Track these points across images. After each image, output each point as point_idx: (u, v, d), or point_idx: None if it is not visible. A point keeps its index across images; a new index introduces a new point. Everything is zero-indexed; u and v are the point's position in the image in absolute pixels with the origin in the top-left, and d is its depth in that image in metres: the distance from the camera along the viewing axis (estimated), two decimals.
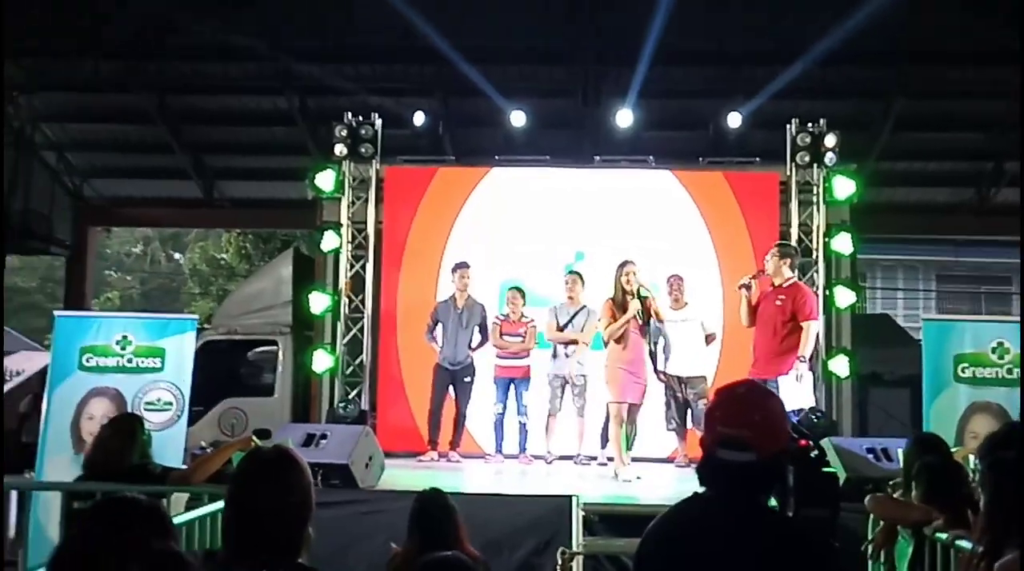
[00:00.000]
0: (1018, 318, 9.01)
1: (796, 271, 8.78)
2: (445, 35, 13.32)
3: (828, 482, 3.38)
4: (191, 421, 9.45)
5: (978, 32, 14.16)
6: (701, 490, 2.58)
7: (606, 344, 8.93)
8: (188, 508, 5.41)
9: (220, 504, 3.20)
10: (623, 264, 8.84)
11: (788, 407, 8.50)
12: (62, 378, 8.45)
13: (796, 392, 8.54)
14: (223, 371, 11.29)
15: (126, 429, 5.63)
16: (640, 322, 8.79)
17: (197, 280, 30.09)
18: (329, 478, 7.60)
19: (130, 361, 8.47)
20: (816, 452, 3.47)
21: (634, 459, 9.02)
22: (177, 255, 33.33)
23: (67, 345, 8.56)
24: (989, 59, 14.25)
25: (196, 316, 10.22)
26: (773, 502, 2.71)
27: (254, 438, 6.08)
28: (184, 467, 6.14)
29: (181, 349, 8.57)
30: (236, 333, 11.56)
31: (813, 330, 8.37)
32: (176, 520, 4.92)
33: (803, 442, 3.46)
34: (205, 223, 22.00)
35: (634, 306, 8.69)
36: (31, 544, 7.10)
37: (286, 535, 2.60)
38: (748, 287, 8.53)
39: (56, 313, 9.21)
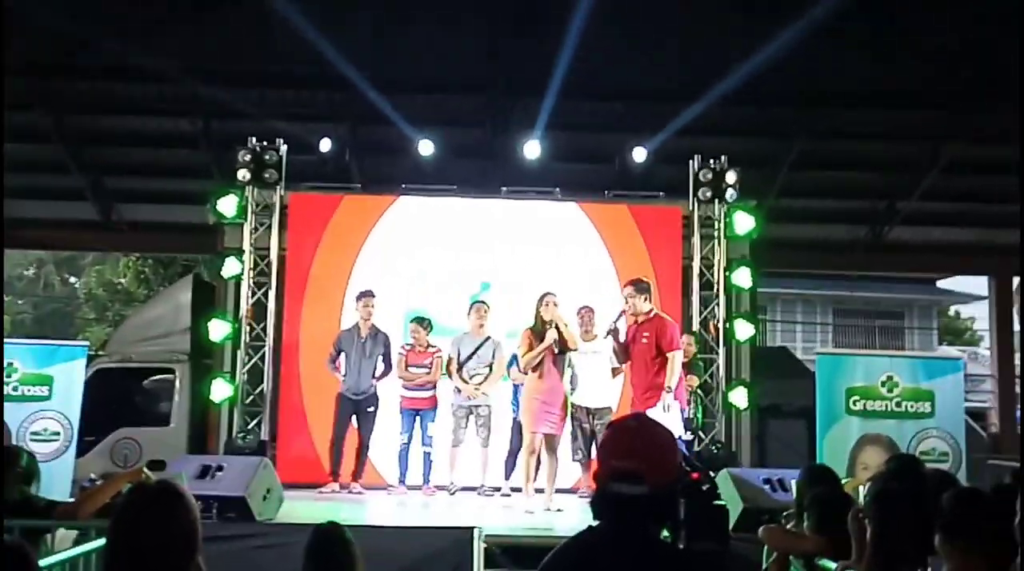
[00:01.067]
0: (906, 353, 9.34)
1: (651, 303, 8.77)
2: (355, 63, 13.29)
3: (719, 515, 3.40)
4: (82, 451, 9.20)
5: (875, 76, 14.67)
6: (595, 523, 2.59)
7: (522, 372, 9.00)
8: (76, 543, 5.24)
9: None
10: (544, 295, 8.94)
11: (674, 429, 8.70)
12: None
13: (671, 418, 8.67)
14: (117, 399, 10.96)
15: (5, 462, 5.41)
16: (556, 352, 8.86)
17: (93, 305, 29.28)
18: (225, 511, 7.41)
19: (15, 389, 8.19)
20: (707, 485, 3.51)
21: (537, 490, 9.03)
22: (72, 279, 32.32)
23: None
24: (884, 102, 14.77)
25: (87, 343, 9.92)
26: (666, 533, 2.72)
27: (145, 470, 5.92)
28: (71, 500, 5.89)
29: (70, 377, 8.32)
30: (131, 360, 11.24)
31: (677, 360, 8.45)
32: (61, 556, 4.79)
33: (695, 475, 3.49)
34: (102, 246, 21.40)
35: (551, 336, 8.77)
36: None
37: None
38: (615, 332, 8.61)
39: None
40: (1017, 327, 18.61)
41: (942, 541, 3.22)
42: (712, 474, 4.17)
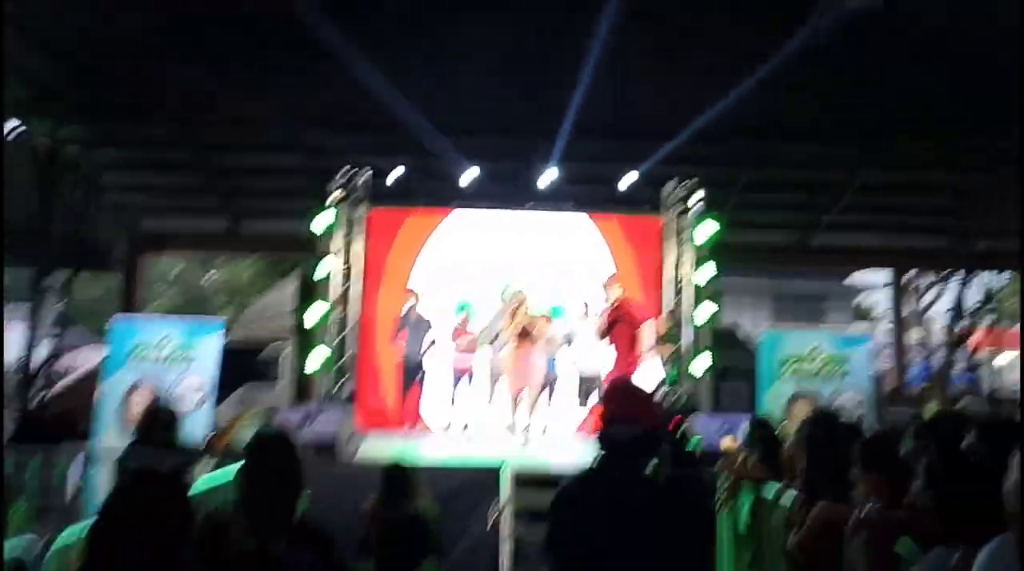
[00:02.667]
0: (827, 328, 9.20)
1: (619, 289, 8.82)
2: (419, 109, 13.28)
3: (690, 453, 3.42)
4: (220, 399, 9.25)
5: (805, 116, 14.49)
6: (593, 461, 2.58)
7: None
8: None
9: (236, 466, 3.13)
10: (521, 291, 9.06)
11: (651, 387, 8.67)
12: (114, 370, 8.16)
13: (652, 375, 8.63)
14: (242, 365, 11.00)
15: (151, 417, 5.44)
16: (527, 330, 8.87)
17: (225, 292, 29.51)
18: (318, 451, 7.44)
19: (168, 357, 8.21)
20: (684, 429, 3.52)
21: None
22: (210, 273, 32.65)
23: (120, 344, 8.28)
24: (813, 137, 14.58)
25: (224, 318, 9.91)
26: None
27: (251, 410, 6.01)
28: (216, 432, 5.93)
29: (210, 346, 8.33)
30: (254, 336, 11.29)
31: (647, 330, 8.49)
32: (213, 483, 4.84)
33: (677, 418, 3.51)
34: (231, 250, 21.62)
35: (521, 318, 8.85)
36: (89, 498, 6.86)
37: (285, 502, 2.60)
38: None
39: (114, 320, 8.91)
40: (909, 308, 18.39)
41: (859, 469, 3.15)
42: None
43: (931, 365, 18.35)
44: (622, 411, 2.48)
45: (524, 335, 8.85)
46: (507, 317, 8.99)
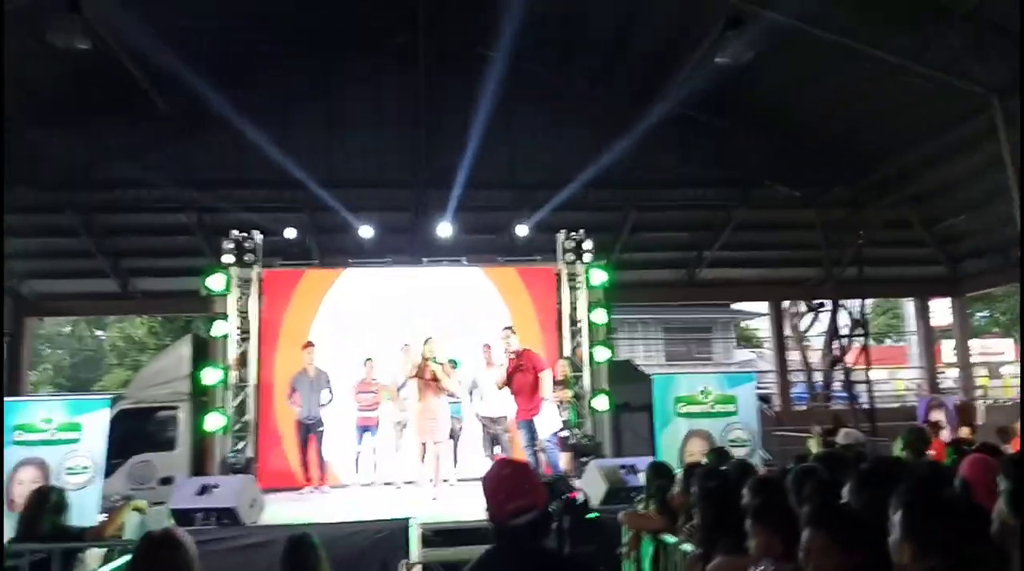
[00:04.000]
0: (715, 370, 9.50)
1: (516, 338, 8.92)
2: (309, 168, 13.10)
3: (592, 524, 3.32)
4: (110, 472, 8.63)
5: (682, 167, 15.17)
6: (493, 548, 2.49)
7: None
8: (104, 562, 4.89)
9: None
10: (427, 338, 8.91)
11: (549, 431, 8.70)
12: None
13: (551, 421, 8.65)
14: (135, 431, 10.32)
15: (40, 500, 5.01)
16: (435, 381, 8.78)
17: (116, 353, 27.89)
18: (221, 519, 7.04)
19: (54, 435, 7.60)
20: (582, 500, 3.44)
21: (460, 480, 8.92)
22: (100, 333, 30.76)
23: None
24: (692, 184, 15.25)
25: (109, 396, 9.25)
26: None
27: (138, 503, 5.66)
28: (95, 526, 5.46)
29: (97, 422, 7.76)
30: (145, 402, 10.61)
31: (547, 376, 8.59)
32: None
33: (572, 494, 3.42)
34: (121, 311, 20.52)
35: (431, 369, 8.73)
36: None
37: None
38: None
39: None
40: (788, 332, 19.23)
41: (751, 523, 3.16)
42: (584, 498, 4.02)
43: (813, 384, 19.21)
44: (512, 501, 2.40)
45: (430, 387, 8.72)
46: (412, 369, 8.83)
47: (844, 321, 16.51)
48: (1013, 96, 10.18)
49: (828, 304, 16.74)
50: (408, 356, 9.36)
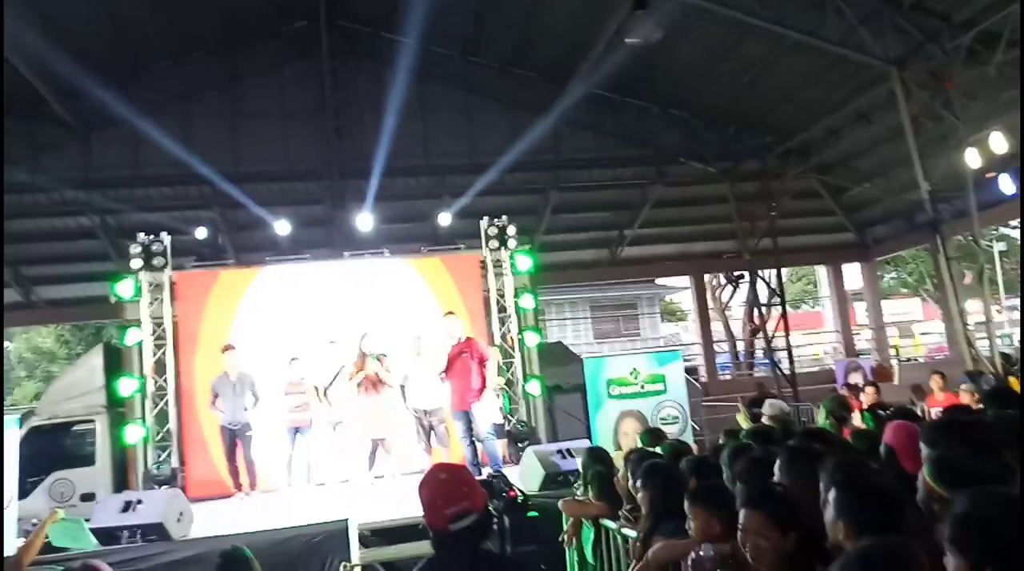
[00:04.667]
0: (643, 350, 9.65)
1: (463, 328, 8.79)
2: (215, 162, 12.65)
3: (532, 522, 3.29)
4: (26, 493, 8.15)
5: (599, 148, 15.30)
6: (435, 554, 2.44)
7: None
8: None
9: None
10: (363, 334, 8.72)
11: (489, 422, 8.59)
12: None
13: (490, 411, 8.59)
14: (51, 448, 9.81)
15: None
16: (377, 377, 8.69)
17: (24, 365, 26.41)
18: (147, 535, 6.73)
19: None
20: (522, 498, 3.41)
21: (403, 474, 8.76)
22: (6, 344, 29.11)
23: None
24: (609, 164, 15.40)
25: (17, 415, 8.72)
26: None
27: (58, 512, 5.38)
28: (12, 555, 5.15)
29: (8, 444, 7.25)
30: (58, 417, 10.07)
31: (492, 366, 8.43)
32: None
33: (512, 493, 3.39)
34: (26, 322, 19.38)
35: (372, 365, 8.56)
36: None
37: None
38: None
39: None
40: (710, 304, 19.76)
41: (689, 505, 3.20)
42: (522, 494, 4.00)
43: (737, 354, 19.80)
44: (450, 506, 2.35)
45: (373, 383, 8.55)
46: (350, 367, 8.62)
47: (762, 290, 17.06)
48: (909, 67, 10.65)
49: (747, 275, 17.26)
50: (337, 353, 9.15)
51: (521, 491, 3.41)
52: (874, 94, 12.24)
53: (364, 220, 12.04)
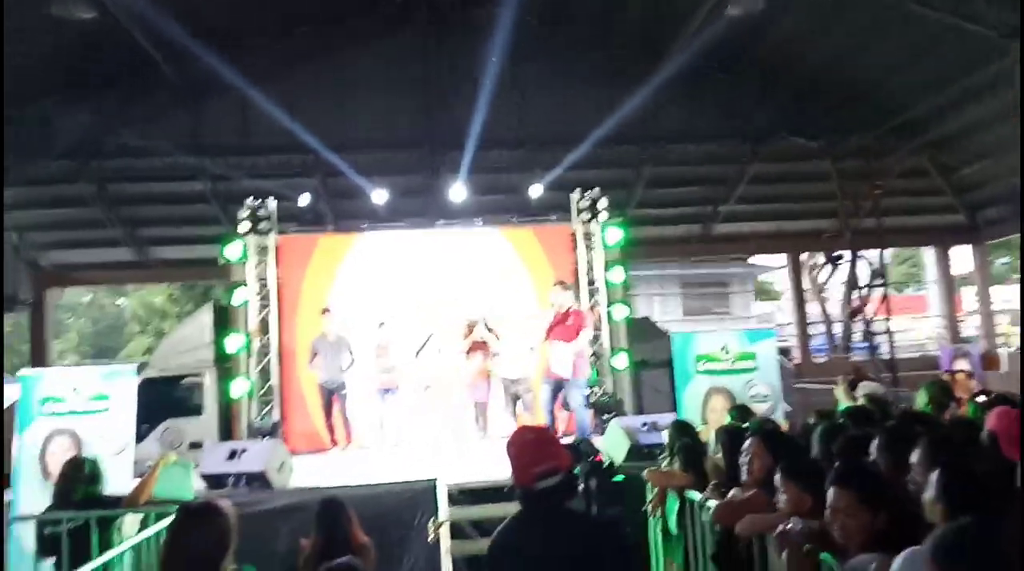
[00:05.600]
0: (735, 328, 9.41)
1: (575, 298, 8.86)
2: (319, 132, 13.04)
3: (618, 487, 3.36)
4: (143, 436, 8.81)
5: (694, 122, 14.97)
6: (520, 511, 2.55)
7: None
8: (140, 528, 5.00)
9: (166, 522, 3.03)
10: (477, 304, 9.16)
11: (580, 392, 8.59)
12: (28, 423, 7.63)
13: (582, 382, 8.55)
14: (163, 398, 10.51)
15: (73, 470, 5.15)
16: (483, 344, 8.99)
17: (136, 320, 28.20)
18: (251, 483, 7.16)
19: (83, 405, 7.71)
20: (608, 463, 3.48)
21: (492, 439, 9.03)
22: (120, 301, 31.08)
23: (30, 396, 7.73)
24: (702, 139, 15.06)
25: (134, 365, 9.38)
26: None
27: (170, 454, 5.77)
28: (127, 494, 5.57)
29: (125, 391, 7.86)
30: (170, 370, 10.79)
31: (586, 334, 8.40)
32: (133, 542, 4.59)
33: (598, 457, 3.47)
34: (139, 280, 20.72)
35: (478, 331, 8.85)
36: (11, 557, 6.42)
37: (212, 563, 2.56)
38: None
39: (19, 373, 8.31)
40: (806, 285, 19.21)
41: (781, 480, 3.20)
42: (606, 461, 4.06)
43: (833, 336, 19.19)
44: (537, 464, 2.45)
45: (478, 348, 8.84)
46: (464, 331, 9.01)
47: (863, 271, 16.43)
48: None
49: (847, 255, 16.64)
50: (428, 319, 9.43)
51: (608, 455, 3.47)
52: (989, 68, 11.51)
53: (458, 191, 12.23)
